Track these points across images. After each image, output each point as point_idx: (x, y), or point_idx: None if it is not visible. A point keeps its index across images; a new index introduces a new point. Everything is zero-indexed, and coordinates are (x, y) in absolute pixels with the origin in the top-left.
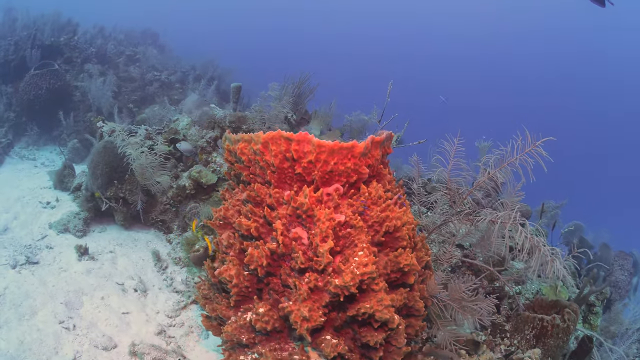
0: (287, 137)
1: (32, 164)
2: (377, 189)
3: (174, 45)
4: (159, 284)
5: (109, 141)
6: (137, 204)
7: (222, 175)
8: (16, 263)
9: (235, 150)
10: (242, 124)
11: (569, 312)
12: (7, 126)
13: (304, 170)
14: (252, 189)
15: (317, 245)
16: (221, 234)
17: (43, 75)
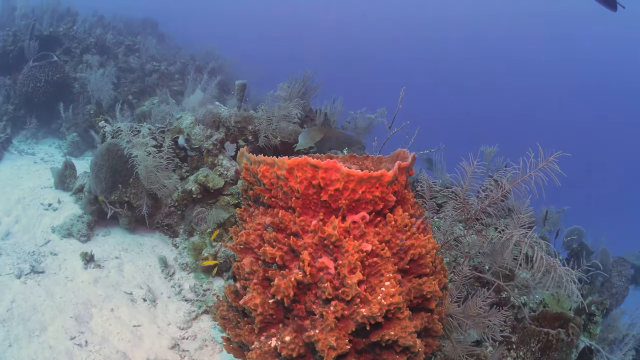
0: (314, 164)
1: (32, 160)
2: (402, 218)
3: (174, 34)
4: (168, 292)
5: (113, 143)
6: (142, 209)
7: (229, 179)
8: (21, 273)
9: (255, 171)
10: (248, 124)
11: (573, 327)
12: (6, 119)
13: (330, 198)
14: (277, 215)
15: (345, 277)
16: (242, 258)
17: (42, 67)
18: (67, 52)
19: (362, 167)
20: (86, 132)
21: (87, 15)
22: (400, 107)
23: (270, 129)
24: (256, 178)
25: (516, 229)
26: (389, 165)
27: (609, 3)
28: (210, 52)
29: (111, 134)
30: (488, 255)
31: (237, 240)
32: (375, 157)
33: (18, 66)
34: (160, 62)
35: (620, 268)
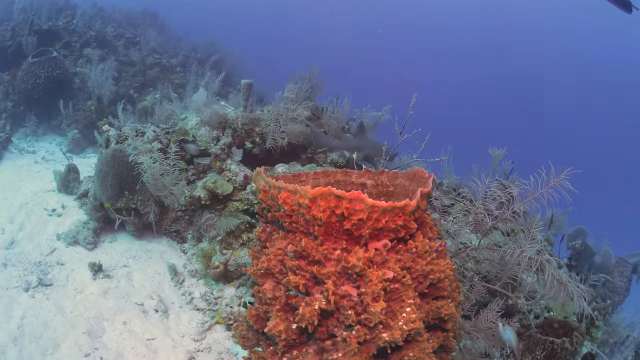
0: (339, 195)
1: (32, 159)
2: (423, 244)
3: (174, 24)
4: (179, 302)
5: (118, 149)
6: (150, 215)
7: (238, 185)
8: (29, 286)
9: (275, 196)
10: (255, 125)
11: (577, 336)
12: (5, 117)
13: (353, 227)
14: (299, 243)
15: (369, 305)
16: (263, 283)
17: (41, 63)
18: (67, 47)
19: (378, 182)
20: (87, 129)
21: (86, 7)
22: (411, 112)
23: (278, 131)
24: (276, 202)
25: (527, 242)
26: (405, 182)
27: (624, 5)
28: (212, 43)
29: (115, 139)
30: (497, 265)
31: (259, 266)
32: (391, 173)
33: (17, 62)
34: (161, 55)
35: (622, 269)
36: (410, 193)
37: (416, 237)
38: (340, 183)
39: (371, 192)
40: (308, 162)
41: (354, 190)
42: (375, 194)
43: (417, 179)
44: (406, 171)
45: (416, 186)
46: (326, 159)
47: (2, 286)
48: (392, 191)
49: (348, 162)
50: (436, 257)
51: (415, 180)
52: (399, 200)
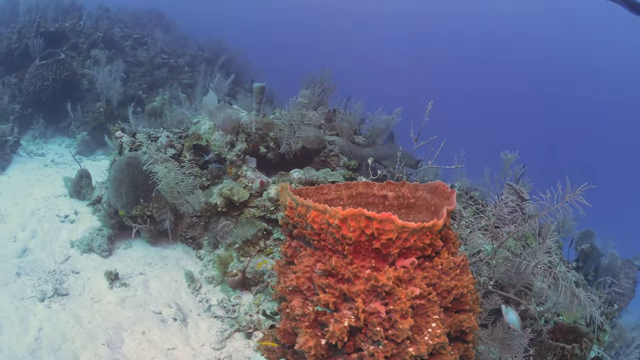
0: (369, 216)
1: (42, 162)
2: (448, 261)
3: (180, 23)
4: (197, 309)
5: (132, 157)
6: (165, 223)
7: (254, 191)
8: (44, 296)
9: (303, 214)
10: (269, 130)
11: (586, 342)
12: (13, 119)
13: (382, 246)
14: (328, 262)
15: (397, 321)
16: (291, 299)
17: (49, 65)
18: (74, 48)
19: (399, 194)
20: (96, 130)
21: (93, 8)
22: (427, 119)
23: (292, 136)
24: (303, 219)
25: (541, 252)
26: (426, 194)
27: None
28: (219, 42)
29: (129, 145)
30: (512, 273)
31: (288, 284)
32: (412, 185)
33: (24, 64)
34: (169, 55)
35: (628, 270)
36: (432, 207)
37: (442, 254)
38: (362, 195)
39: (392, 203)
40: (321, 165)
41: (385, 212)
42: (397, 205)
43: (440, 193)
44: (427, 184)
45: (438, 200)
46: (339, 161)
47: (16, 296)
48: (413, 203)
49: (360, 164)
50: (459, 272)
51: (438, 195)
52: (420, 212)
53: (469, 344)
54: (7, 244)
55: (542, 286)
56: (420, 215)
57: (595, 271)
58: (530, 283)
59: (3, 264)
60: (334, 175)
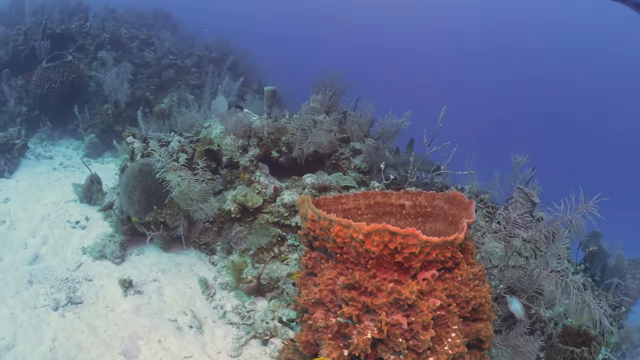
0: (393, 231)
1: (50, 165)
2: (467, 272)
3: (186, 23)
4: (212, 316)
5: (145, 164)
6: (179, 229)
7: (267, 197)
8: (57, 304)
9: (326, 227)
10: (281, 135)
11: (595, 345)
12: (19, 121)
13: (404, 259)
14: (352, 276)
15: (419, 333)
16: (313, 311)
17: (56, 67)
18: (81, 49)
19: (416, 203)
20: (104, 133)
21: (98, 9)
22: (440, 125)
23: (305, 140)
24: (326, 233)
25: (553, 258)
26: (444, 204)
27: None
28: (226, 42)
29: (141, 151)
30: (523, 280)
31: (311, 296)
32: (429, 194)
33: (30, 66)
34: (176, 56)
35: (634, 271)
36: (449, 217)
37: (461, 266)
38: (380, 204)
39: (409, 212)
40: (332, 168)
41: (402, 221)
42: (414, 214)
43: (457, 203)
44: (445, 194)
45: (456, 210)
46: (350, 165)
47: (29, 305)
48: (430, 212)
49: (371, 167)
50: (478, 283)
51: (456, 205)
52: (437, 221)
53: (485, 352)
54: (17, 250)
55: (552, 289)
56: (437, 224)
57: (602, 272)
58: (541, 288)
59: (14, 272)
60: (346, 179)
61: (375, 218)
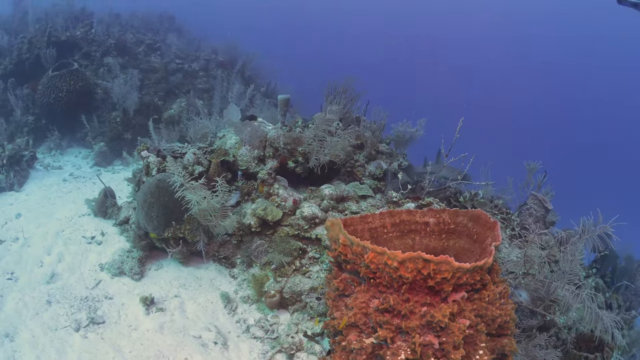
0: (427, 258)
1: (60, 176)
2: (494, 293)
3: (190, 26)
4: (235, 330)
5: (162, 180)
6: (199, 244)
7: (287, 210)
8: (79, 325)
9: (359, 253)
10: (298, 145)
11: (608, 351)
12: (26, 131)
13: (436, 284)
14: (386, 300)
15: (449, 352)
16: (347, 333)
17: (62, 76)
18: (87, 56)
19: (439, 220)
20: (113, 141)
21: (103, 15)
22: (457, 136)
23: (321, 151)
24: (358, 258)
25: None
26: (467, 222)
27: None
28: (233, 46)
29: (156, 165)
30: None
31: (346, 320)
32: (452, 211)
33: (35, 75)
34: (183, 60)
35: None
36: (474, 235)
37: (488, 287)
38: (405, 222)
39: (433, 229)
40: (347, 176)
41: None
42: (437, 231)
43: (482, 222)
44: (468, 211)
45: (480, 229)
46: (364, 172)
47: (50, 327)
48: (454, 229)
49: (385, 173)
50: (503, 302)
51: (480, 224)
52: (461, 238)
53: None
54: (33, 269)
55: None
56: (461, 241)
57: (613, 273)
58: (557, 296)
59: (32, 292)
60: (363, 188)
61: (400, 236)
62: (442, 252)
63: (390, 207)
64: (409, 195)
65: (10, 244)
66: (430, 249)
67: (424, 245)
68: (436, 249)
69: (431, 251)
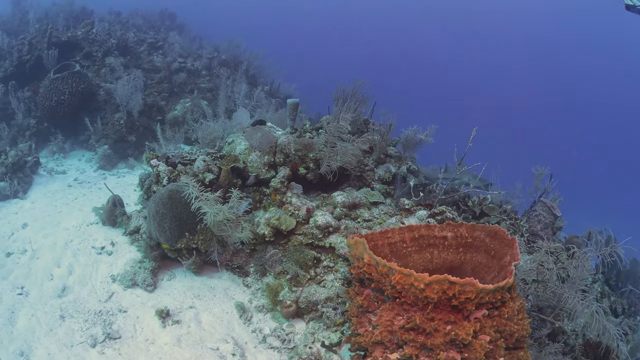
0: (453, 281)
1: (65, 182)
2: (513, 309)
3: (191, 24)
4: (252, 341)
5: (174, 190)
6: (213, 255)
7: (300, 219)
8: (95, 341)
9: (385, 273)
10: (309, 151)
11: (615, 358)
12: (29, 134)
13: (460, 304)
14: (412, 320)
15: None
16: (373, 350)
17: (64, 78)
18: (88, 57)
19: (457, 234)
20: (117, 143)
21: (104, 13)
22: (470, 145)
23: (333, 157)
24: (384, 278)
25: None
26: (485, 237)
27: None
28: (235, 44)
29: (167, 174)
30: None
31: (371, 338)
32: (469, 225)
33: (36, 76)
34: (185, 59)
35: None
36: (491, 251)
37: (507, 304)
38: (424, 237)
39: (451, 243)
40: (357, 180)
41: (467, 277)
42: (455, 245)
43: (500, 238)
44: (485, 227)
45: (498, 245)
46: (374, 176)
47: (65, 343)
48: (471, 243)
49: (394, 176)
50: (521, 317)
51: (498, 240)
52: (478, 253)
53: None
54: (43, 282)
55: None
56: (478, 255)
57: (617, 277)
58: (566, 304)
59: (44, 307)
60: (374, 195)
61: (419, 250)
62: (459, 266)
63: (402, 214)
64: (420, 203)
65: (19, 256)
66: (447, 263)
67: (442, 259)
68: (453, 262)
69: (448, 265)
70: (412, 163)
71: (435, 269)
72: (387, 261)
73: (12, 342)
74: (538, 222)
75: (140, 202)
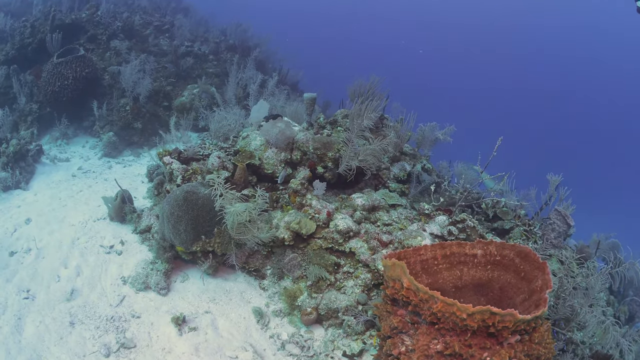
0: (495, 312)
1: (68, 170)
2: (542, 334)
3: (198, 5)
4: (270, 348)
5: (190, 192)
6: (231, 258)
7: (321, 222)
8: (109, 350)
9: (426, 300)
10: (328, 150)
11: None
12: (31, 120)
13: (497, 331)
14: (451, 346)
15: None
16: None
17: (68, 63)
18: (93, 40)
19: (486, 252)
20: (123, 130)
21: None
22: (494, 154)
23: (355, 158)
24: (424, 303)
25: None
26: (515, 257)
27: None
28: (241, 26)
29: (181, 173)
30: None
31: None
32: (498, 243)
33: (39, 60)
34: (192, 42)
35: None
36: (521, 272)
37: (537, 329)
38: (455, 255)
39: (480, 261)
40: (374, 179)
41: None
42: (484, 262)
43: (530, 260)
44: (515, 246)
45: (529, 267)
46: (389, 174)
47: (77, 353)
48: (500, 261)
49: (409, 175)
50: (548, 341)
51: (528, 262)
52: (507, 272)
53: None
54: (50, 285)
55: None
56: (507, 275)
57: (620, 282)
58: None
59: (52, 312)
60: (393, 197)
61: (450, 267)
62: (487, 283)
63: (422, 219)
64: (440, 207)
65: (23, 255)
66: (476, 280)
67: (471, 276)
68: (481, 279)
69: (477, 282)
70: (427, 162)
71: (463, 285)
72: (418, 278)
73: (21, 353)
74: (552, 230)
75: (149, 196)
